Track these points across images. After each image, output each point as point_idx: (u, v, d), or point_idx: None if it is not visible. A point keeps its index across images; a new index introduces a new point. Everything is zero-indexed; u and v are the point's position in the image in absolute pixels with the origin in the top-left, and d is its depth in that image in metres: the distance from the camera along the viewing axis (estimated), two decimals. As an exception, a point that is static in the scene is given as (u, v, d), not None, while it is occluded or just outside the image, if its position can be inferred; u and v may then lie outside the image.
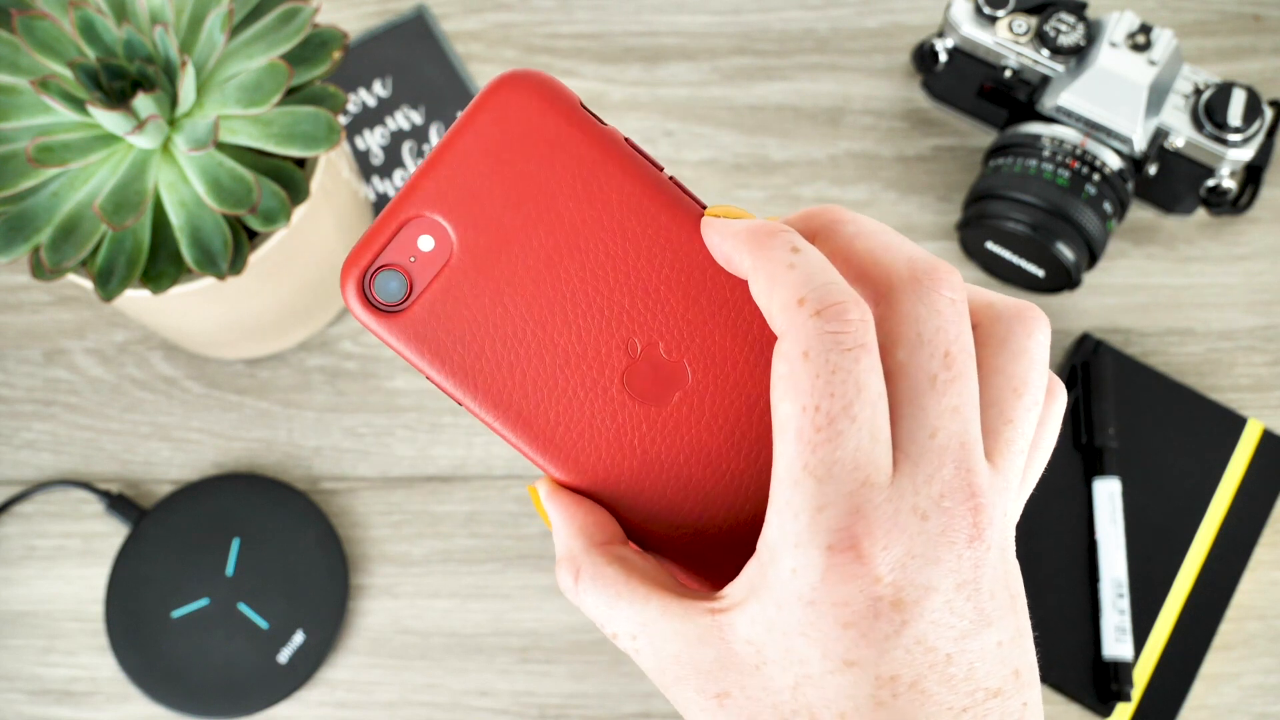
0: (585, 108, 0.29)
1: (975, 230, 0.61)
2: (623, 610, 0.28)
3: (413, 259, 0.29)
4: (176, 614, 0.58)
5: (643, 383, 0.29)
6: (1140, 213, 0.65)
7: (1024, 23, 0.60)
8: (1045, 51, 0.60)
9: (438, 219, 0.29)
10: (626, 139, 0.29)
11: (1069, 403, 0.61)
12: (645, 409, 0.29)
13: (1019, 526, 0.59)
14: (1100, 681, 0.58)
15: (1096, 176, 0.59)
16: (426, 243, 0.29)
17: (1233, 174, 0.60)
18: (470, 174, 0.29)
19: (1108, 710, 0.57)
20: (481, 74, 0.68)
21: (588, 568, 0.28)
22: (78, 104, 0.47)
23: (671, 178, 0.29)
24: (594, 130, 0.28)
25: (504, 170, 0.28)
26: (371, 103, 0.67)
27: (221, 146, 0.49)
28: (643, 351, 0.29)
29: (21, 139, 0.48)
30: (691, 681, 0.27)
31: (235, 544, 0.59)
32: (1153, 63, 0.58)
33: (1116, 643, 0.57)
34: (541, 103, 0.28)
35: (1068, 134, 0.59)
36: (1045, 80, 0.61)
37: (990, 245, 0.62)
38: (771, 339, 0.28)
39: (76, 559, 0.60)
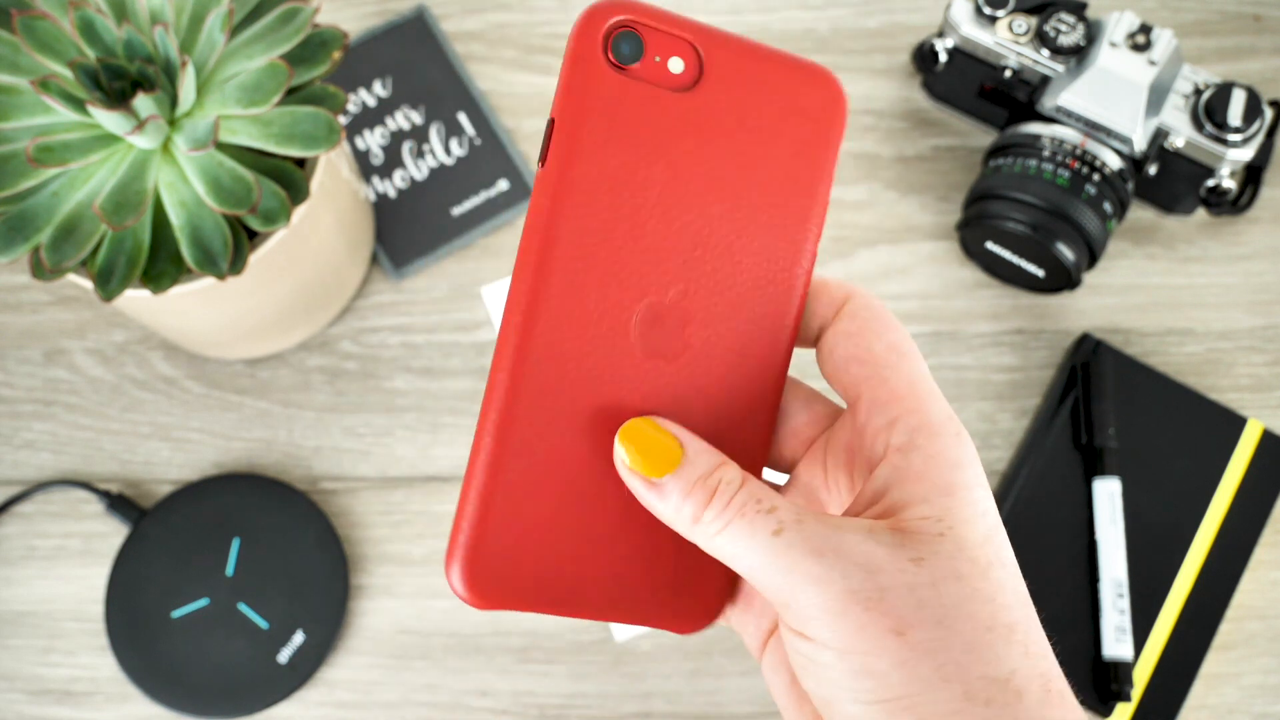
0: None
1: (975, 230, 0.61)
2: (786, 498, 0.29)
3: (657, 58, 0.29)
4: (176, 614, 0.58)
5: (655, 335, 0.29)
6: (1140, 213, 0.65)
7: (1024, 23, 0.60)
8: (1045, 51, 0.60)
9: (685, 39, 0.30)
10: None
11: (1069, 403, 0.61)
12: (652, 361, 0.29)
13: (1018, 528, 0.60)
14: (1100, 681, 0.58)
15: (1096, 176, 0.59)
16: (675, 62, 0.29)
17: (1233, 174, 0.60)
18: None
19: (1108, 710, 0.57)
20: (481, 74, 0.68)
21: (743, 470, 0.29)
22: (78, 104, 0.47)
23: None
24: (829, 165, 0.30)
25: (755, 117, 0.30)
26: (371, 103, 0.67)
27: (221, 146, 0.49)
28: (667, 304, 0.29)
29: (21, 139, 0.48)
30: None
31: (235, 544, 0.59)
32: (1153, 63, 0.58)
33: (1116, 643, 0.57)
34: (835, 114, 0.30)
35: (1068, 134, 0.59)
36: (1045, 80, 0.61)
37: (990, 245, 0.62)
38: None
39: (76, 559, 0.60)
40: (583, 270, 0.28)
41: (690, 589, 0.30)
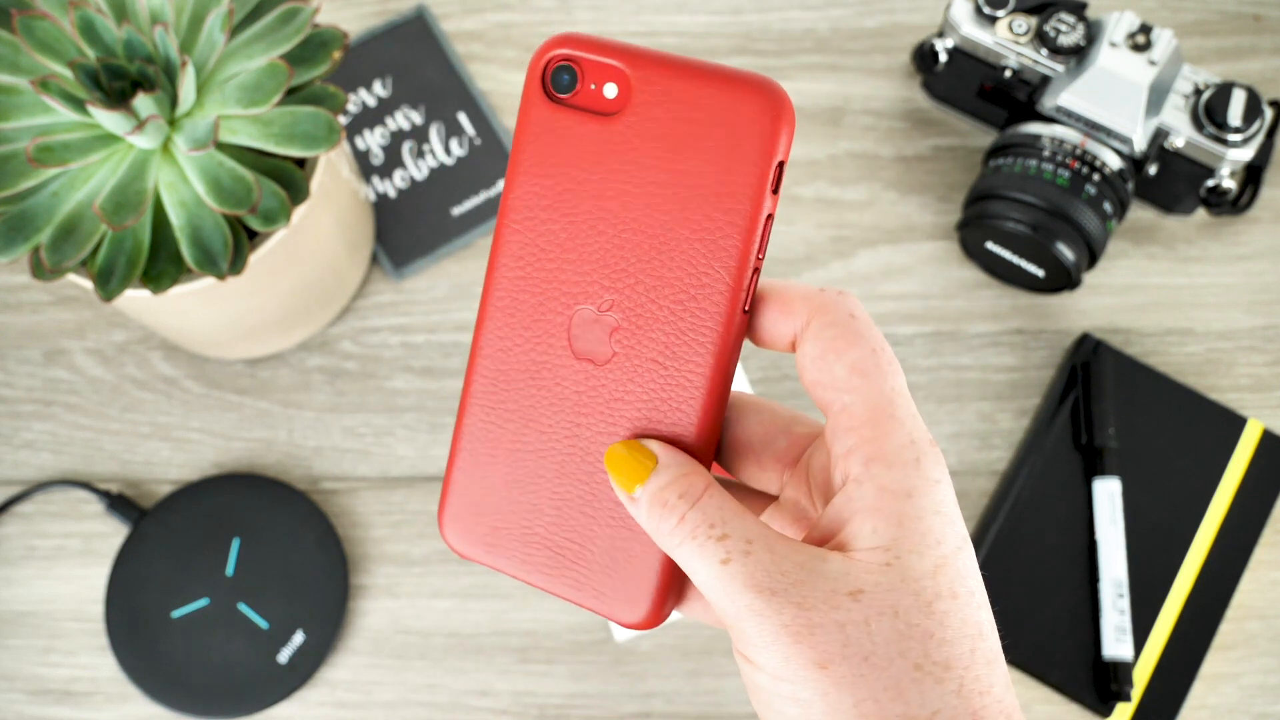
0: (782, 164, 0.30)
1: (975, 230, 0.61)
2: (747, 518, 0.29)
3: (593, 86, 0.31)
4: (176, 614, 0.58)
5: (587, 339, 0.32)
6: (1140, 213, 0.65)
7: (1024, 23, 0.60)
8: (1045, 51, 0.60)
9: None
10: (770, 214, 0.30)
11: (1069, 403, 0.61)
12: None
13: (1018, 528, 0.59)
14: (1100, 681, 0.58)
15: (1096, 176, 0.59)
16: (611, 90, 0.31)
17: (1233, 174, 0.60)
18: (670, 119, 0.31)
19: (1108, 710, 0.57)
20: (481, 74, 0.68)
21: (711, 482, 0.30)
22: (78, 104, 0.47)
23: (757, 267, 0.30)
24: (760, 184, 0.30)
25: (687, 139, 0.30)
26: (371, 103, 0.67)
27: (221, 146, 0.49)
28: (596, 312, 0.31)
29: (21, 139, 0.48)
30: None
31: (235, 544, 0.59)
32: (1153, 63, 0.58)
33: (1116, 643, 0.57)
34: (766, 125, 0.29)
35: (1068, 134, 0.59)
36: (1045, 80, 0.61)
37: (990, 245, 0.62)
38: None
39: (76, 559, 0.60)
40: (523, 279, 0.32)
41: (629, 580, 0.32)
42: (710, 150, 0.30)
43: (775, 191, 0.30)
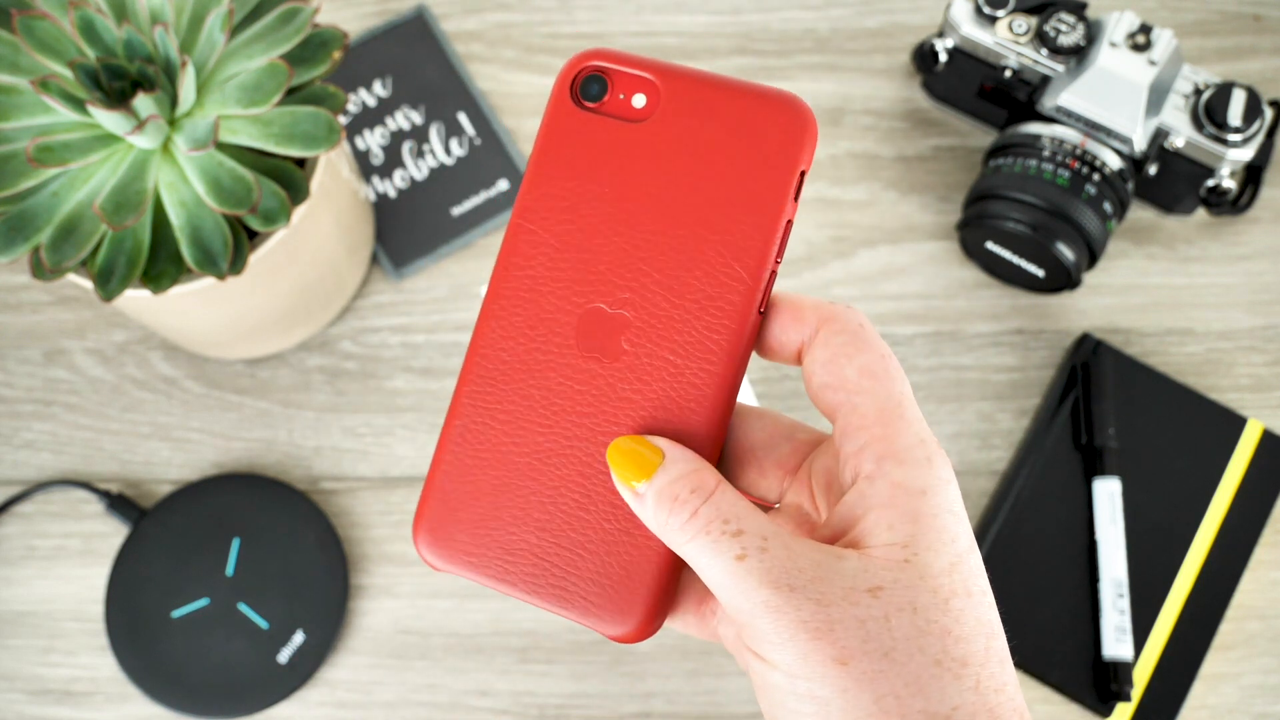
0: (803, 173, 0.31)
1: (975, 230, 0.61)
2: (760, 515, 0.29)
3: (622, 96, 0.32)
4: (176, 614, 0.58)
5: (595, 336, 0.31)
6: (1140, 213, 0.65)
7: (1024, 23, 0.60)
8: (1045, 51, 0.60)
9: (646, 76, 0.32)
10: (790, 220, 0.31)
11: (1069, 403, 0.61)
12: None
13: (1018, 528, 0.59)
14: (1100, 681, 0.58)
15: (1096, 176, 0.59)
16: (640, 101, 0.32)
17: (1233, 174, 0.60)
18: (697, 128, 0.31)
19: (1108, 710, 0.57)
20: (481, 74, 0.68)
21: (722, 479, 0.30)
22: (78, 104, 0.47)
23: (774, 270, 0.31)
24: (782, 198, 0.30)
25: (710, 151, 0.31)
26: (371, 103, 0.67)
27: (221, 146, 0.49)
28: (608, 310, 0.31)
29: (21, 139, 0.48)
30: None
31: (235, 544, 0.59)
32: (1153, 63, 0.58)
33: (1116, 643, 0.57)
34: (793, 133, 0.30)
35: (1068, 134, 0.59)
36: (1045, 80, 0.61)
37: (990, 245, 0.62)
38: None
39: (76, 559, 0.60)
40: (531, 277, 0.32)
41: (621, 589, 0.31)
42: (736, 156, 0.30)
43: (796, 198, 0.30)
